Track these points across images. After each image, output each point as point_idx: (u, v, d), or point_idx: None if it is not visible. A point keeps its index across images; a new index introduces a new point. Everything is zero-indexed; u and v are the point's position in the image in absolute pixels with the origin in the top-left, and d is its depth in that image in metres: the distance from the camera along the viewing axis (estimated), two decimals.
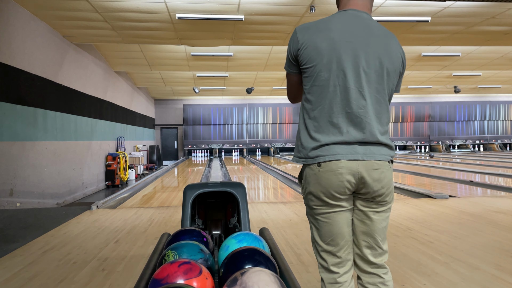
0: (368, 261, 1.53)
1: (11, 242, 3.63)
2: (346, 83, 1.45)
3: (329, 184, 1.46)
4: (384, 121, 1.51)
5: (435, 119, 21.10)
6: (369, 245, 1.53)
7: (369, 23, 1.51)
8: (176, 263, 1.54)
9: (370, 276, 1.54)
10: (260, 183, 9.06)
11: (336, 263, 1.54)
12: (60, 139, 7.54)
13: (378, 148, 1.48)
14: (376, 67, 1.47)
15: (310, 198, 1.54)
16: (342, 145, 1.46)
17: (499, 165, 11.23)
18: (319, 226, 1.55)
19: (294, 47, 1.52)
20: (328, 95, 1.47)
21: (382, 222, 1.53)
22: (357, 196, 1.52)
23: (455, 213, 4.58)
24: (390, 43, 1.51)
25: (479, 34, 8.40)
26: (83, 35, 7.85)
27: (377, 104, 1.48)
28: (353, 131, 1.46)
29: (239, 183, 2.61)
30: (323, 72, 1.46)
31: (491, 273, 2.61)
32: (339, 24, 1.49)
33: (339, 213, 1.51)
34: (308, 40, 1.48)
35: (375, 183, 1.46)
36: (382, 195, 1.49)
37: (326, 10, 6.64)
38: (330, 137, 1.46)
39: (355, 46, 1.46)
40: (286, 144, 20.36)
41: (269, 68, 11.82)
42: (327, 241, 1.54)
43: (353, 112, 1.45)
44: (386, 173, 1.49)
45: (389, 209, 1.55)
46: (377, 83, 1.48)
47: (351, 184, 1.46)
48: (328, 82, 1.46)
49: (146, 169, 14.90)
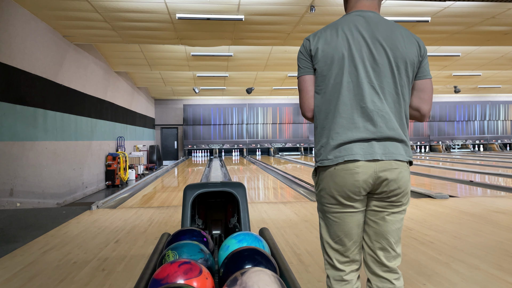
0: (381, 263, 1.51)
1: (11, 242, 3.63)
2: (358, 78, 1.45)
3: (344, 183, 1.44)
4: (401, 115, 1.48)
5: (435, 119, 21.10)
6: (382, 246, 1.50)
7: (375, 20, 1.51)
8: (176, 263, 1.54)
9: (381, 281, 1.51)
10: (260, 183, 9.06)
11: (343, 261, 1.53)
12: (60, 139, 7.54)
13: (396, 145, 1.45)
14: (385, 61, 1.46)
15: (323, 195, 1.52)
16: (360, 143, 1.44)
17: (499, 165, 11.23)
18: (329, 224, 1.54)
19: (307, 48, 1.55)
20: (342, 91, 1.47)
21: (396, 224, 1.50)
22: (372, 196, 1.50)
23: (455, 213, 4.58)
24: (398, 34, 1.50)
25: (479, 34, 8.40)
26: (83, 35, 7.85)
27: (390, 98, 1.47)
28: (369, 126, 1.44)
29: (239, 183, 2.61)
30: (335, 70, 1.47)
31: (491, 273, 2.61)
32: (346, 24, 1.51)
33: (351, 214, 1.49)
34: (319, 42, 1.51)
35: (391, 182, 1.44)
36: (398, 195, 1.47)
37: (326, 10, 6.64)
38: (347, 134, 1.44)
39: (364, 42, 1.47)
40: (286, 144, 20.37)
41: (269, 68, 11.82)
42: (335, 240, 1.52)
43: (368, 107, 1.44)
44: (404, 173, 1.46)
45: (404, 211, 1.52)
46: (389, 77, 1.47)
47: (368, 185, 1.44)
48: (341, 78, 1.47)
49: (146, 169, 14.90)
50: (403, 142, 1.48)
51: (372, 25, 1.50)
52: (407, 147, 1.49)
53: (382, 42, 1.47)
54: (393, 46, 1.48)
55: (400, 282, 1.52)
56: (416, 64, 1.51)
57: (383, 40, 1.48)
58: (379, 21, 1.51)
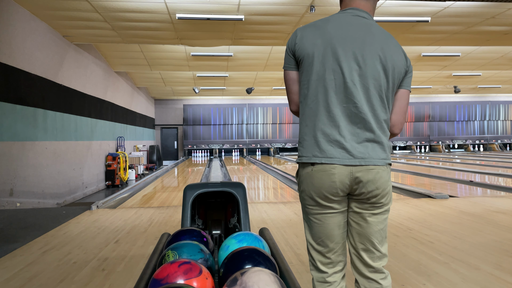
0: (366, 264, 1.51)
1: (11, 242, 3.63)
2: (341, 77, 1.45)
3: (321, 184, 1.45)
4: (381, 117, 1.47)
5: (435, 119, 21.11)
6: (365, 247, 1.50)
7: (367, 22, 1.51)
8: (176, 263, 1.54)
9: (368, 281, 1.51)
10: (260, 183, 9.06)
11: (325, 263, 1.53)
12: (60, 139, 7.54)
13: (375, 147, 1.45)
14: (371, 63, 1.45)
15: (303, 197, 1.53)
16: (338, 144, 1.43)
17: (499, 165, 11.23)
18: (311, 225, 1.54)
19: (292, 43, 1.55)
20: (323, 89, 1.46)
21: (378, 225, 1.50)
22: (351, 197, 1.50)
23: (455, 213, 4.58)
24: (388, 42, 1.50)
25: (479, 34, 8.40)
26: (83, 35, 7.85)
27: (373, 100, 1.46)
28: (349, 125, 1.44)
29: (239, 183, 2.61)
30: (318, 67, 1.47)
31: (491, 273, 2.61)
32: (337, 22, 1.50)
33: (331, 215, 1.50)
34: (305, 36, 1.51)
35: (369, 183, 1.43)
36: (377, 196, 1.46)
37: (326, 10, 6.64)
38: (326, 131, 1.45)
39: (351, 42, 1.46)
40: (286, 144, 20.37)
41: (269, 68, 11.82)
42: (317, 241, 1.53)
43: (349, 106, 1.44)
44: (382, 174, 1.46)
45: (386, 211, 1.52)
46: (373, 79, 1.46)
47: (344, 185, 1.44)
48: (323, 76, 1.46)
49: (146, 169, 14.90)
50: (382, 144, 1.47)
51: (364, 27, 1.49)
52: (386, 148, 1.49)
53: (372, 45, 1.47)
54: (382, 51, 1.47)
55: (386, 281, 1.52)
56: (402, 74, 1.52)
57: (376, 43, 1.47)
58: (373, 25, 1.52)
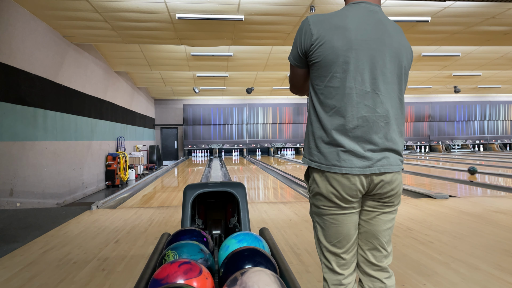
0: (371, 262, 1.51)
1: (11, 242, 3.63)
2: (363, 85, 1.39)
3: (342, 187, 1.42)
4: (400, 123, 1.47)
5: (435, 119, 21.10)
6: (373, 246, 1.50)
7: (382, 19, 1.45)
8: (176, 263, 1.54)
9: (371, 280, 1.51)
10: (260, 183, 9.06)
11: (341, 264, 1.50)
12: (60, 139, 7.54)
13: (394, 155, 1.45)
14: (393, 67, 1.42)
15: (319, 198, 1.48)
16: (358, 154, 1.40)
17: (499, 165, 11.23)
18: (326, 226, 1.49)
19: (306, 41, 1.42)
20: (344, 97, 1.39)
21: (387, 223, 1.50)
22: (366, 196, 1.49)
23: (455, 213, 4.58)
24: (402, 40, 1.47)
25: (479, 34, 8.40)
26: (83, 35, 7.85)
27: (395, 107, 1.44)
28: (368, 134, 1.40)
29: (239, 183, 2.61)
30: (339, 73, 1.39)
31: (491, 273, 2.61)
32: (355, 21, 1.41)
33: (349, 215, 1.47)
34: (323, 36, 1.39)
35: (386, 184, 1.44)
36: (391, 197, 1.47)
37: (326, 10, 6.64)
38: (345, 142, 1.40)
39: (372, 46, 1.40)
40: (286, 144, 20.37)
41: (269, 68, 11.81)
42: (333, 242, 1.49)
43: (370, 116, 1.39)
44: (397, 176, 1.47)
45: (395, 211, 1.53)
46: (394, 84, 1.43)
47: (363, 187, 1.43)
48: (344, 83, 1.39)
49: (146, 169, 14.89)
50: (399, 150, 1.48)
51: (380, 25, 1.44)
52: (401, 155, 1.50)
53: (391, 47, 1.42)
54: (400, 51, 1.44)
55: (390, 280, 1.51)
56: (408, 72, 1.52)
57: (391, 45, 1.43)
58: (387, 22, 1.46)
